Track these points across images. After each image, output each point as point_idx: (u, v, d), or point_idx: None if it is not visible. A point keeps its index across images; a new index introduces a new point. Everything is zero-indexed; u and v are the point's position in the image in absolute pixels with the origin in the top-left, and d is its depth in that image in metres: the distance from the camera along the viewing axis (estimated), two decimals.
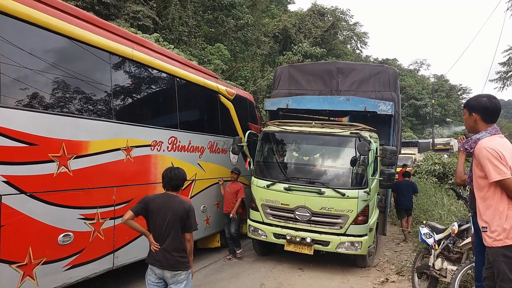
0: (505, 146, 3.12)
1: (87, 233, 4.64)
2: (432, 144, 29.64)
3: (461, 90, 61.39)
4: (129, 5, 16.09)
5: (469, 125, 3.36)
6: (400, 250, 8.65)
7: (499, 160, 2.98)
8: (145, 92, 6.02)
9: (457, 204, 9.32)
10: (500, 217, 3.00)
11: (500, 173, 2.95)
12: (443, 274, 5.08)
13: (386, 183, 6.84)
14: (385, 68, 8.49)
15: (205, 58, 18.72)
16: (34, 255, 4.00)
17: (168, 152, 6.15)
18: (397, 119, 8.73)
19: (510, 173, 2.98)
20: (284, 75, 8.81)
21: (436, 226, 5.72)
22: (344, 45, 36.87)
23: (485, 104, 3.24)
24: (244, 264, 7.18)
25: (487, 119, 3.24)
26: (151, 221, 3.68)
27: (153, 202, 3.69)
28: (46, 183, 4.11)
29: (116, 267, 5.14)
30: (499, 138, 3.19)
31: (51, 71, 4.29)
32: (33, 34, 4.09)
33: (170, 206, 3.66)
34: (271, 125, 7.52)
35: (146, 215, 3.69)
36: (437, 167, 16.96)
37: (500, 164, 2.97)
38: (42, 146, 4.07)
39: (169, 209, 3.65)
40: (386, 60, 54.48)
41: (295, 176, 7.13)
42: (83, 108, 4.73)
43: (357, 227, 6.61)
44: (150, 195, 3.87)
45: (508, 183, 2.96)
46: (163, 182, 3.80)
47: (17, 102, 3.91)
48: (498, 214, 3.02)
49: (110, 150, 4.97)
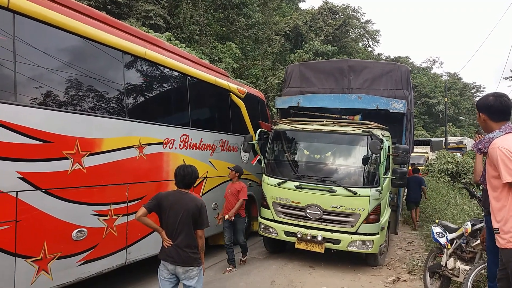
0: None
1: (100, 229, 4.71)
2: (445, 142, 29.27)
3: (475, 88, 60.53)
4: (141, 4, 16.22)
5: (481, 125, 3.34)
6: (412, 249, 8.59)
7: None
8: (157, 90, 6.08)
9: (470, 204, 9.19)
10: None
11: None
12: (456, 273, 5.02)
13: (398, 181, 6.79)
14: (397, 66, 8.42)
15: (216, 56, 18.79)
16: (49, 250, 4.08)
17: (180, 150, 6.20)
18: (410, 117, 8.66)
19: None
20: (295, 73, 8.80)
21: (448, 225, 5.66)
22: (355, 43, 36.62)
23: (489, 103, 3.20)
24: (255, 262, 7.20)
25: (495, 118, 3.19)
26: (164, 217, 3.73)
27: (166, 199, 3.74)
28: (60, 180, 4.18)
29: (129, 262, 5.21)
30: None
31: (65, 70, 4.37)
32: (48, 34, 4.16)
33: (182, 203, 3.71)
34: (282, 123, 7.52)
35: (159, 211, 3.74)
36: (450, 166, 16.72)
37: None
38: (57, 144, 4.13)
39: (181, 206, 3.69)
40: (398, 58, 53.99)
41: (306, 174, 7.13)
42: (97, 106, 4.80)
43: (369, 226, 6.58)
44: (162, 192, 3.92)
45: None
46: (176, 180, 3.85)
47: (32, 100, 3.99)
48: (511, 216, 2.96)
49: (123, 147, 5.04)
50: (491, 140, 3.10)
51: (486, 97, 3.30)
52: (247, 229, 8.54)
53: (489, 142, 3.12)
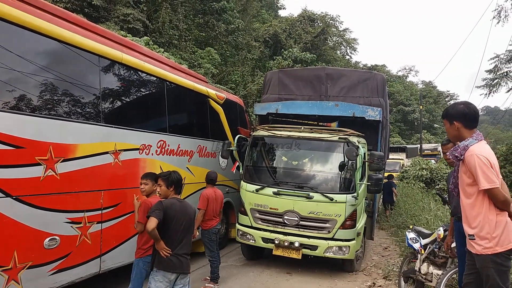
0: (492, 153, 3.15)
1: (73, 237, 4.60)
2: (420, 149, 29.96)
3: (449, 97, 62.29)
4: (119, 8, 16.05)
5: (452, 134, 3.34)
6: (387, 254, 8.73)
7: (489, 168, 3.00)
8: (134, 95, 6.01)
9: (443, 209, 9.44)
10: (489, 225, 3.02)
11: (490, 182, 2.96)
12: (429, 278, 5.14)
13: (373, 188, 6.90)
14: (373, 75, 8.59)
15: (195, 62, 18.72)
16: (19, 259, 3.95)
17: (157, 155, 6.13)
18: (385, 124, 8.83)
19: (499, 182, 3.00)
20: (274, 80, 8.85)
21: (422, 231, 5.78)
22: (333, 51, 37.16)
23: (464, 111, 3.25)
24: (232, 269, 7.17)
25: (469, 125, 3.24)
26: (167, 226, 3.70)
27: (171, 209, 3.73)
28: (32, 187, 4.06)
29: (103, 271, 5.09)
30: (486, 144, 3.21)
31: (39, 74, 4.26)
32: (22, 37, 4.06)
33: (184, 212, 3.80)
34: (261, 129, 7.55)
35: (162, 221, 3.68)
36: (424, 172, 17.13)
37: (490, 173, 2.98)
38: (29, 149, 4.03)
39: (184, 214, 3.78)
40: (375, 66, 55.05)
41: (284, 180, 7.17)
42: (71, 111, 4.70)
43: (345, 232, 6.65)
44: (165, 201, 3.86)
45: (496, 192, 2.98)
46: (177, 186, 3.95)
47: (4, 104, 3.87)
48: (487, 222, 3.03)
49: (98, 153, 4.94)
50: (467, 148, 3.13)
51: (457, 106, 3.35)
52: (225, 236, 8.50)
53: (464, 149, 3.15)
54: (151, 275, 3.76)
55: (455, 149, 3.25)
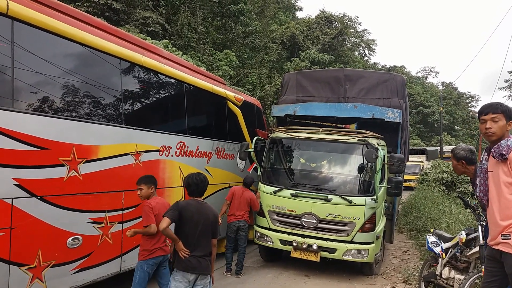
0: None
1: (95, 236, 4.69)
2: (440, 151, 29.44)
3: (470, 98, 61.00)
4: (138, 11, 16.27)
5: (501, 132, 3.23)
6: (407, 258, 8.59)
7: None
8: (154, 97, 6.09)
9: (465, 213, 9.22)
10: None
11: None
12: (450, 283, 5.05)
13: (393, 190, 6.80)
14: (392, 76, 8.50)
15: (213, 64, 18.84)
16: (43, 258, 4.06)
17: (176, 157, 6.20)
18: (405, 126, 8.71)
19: None
20: (291, 81, 8.84)
21: (443, 234, 5.68)
22: (351, 52, 36.84)
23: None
24: (250, 270, 7.18)
25: None
26: (184, 227, 3.73)
27: (186, 210, 3.75)
28: (56, 187, 4.17)
29: (123, 271, 5.18)
30: None
31: (63, 77, 4.37)
32: (46, 41, 4.17)
33: (202, 213, 3.77)
34: (279, 131, 7.55)
35: (178, 221, 3.72)
36: (445, 175, 16.75)
37: None
38: (53, 150, 4.13)
39: (201, 216, 3.76)
40: (394, 67, 54.36)
41: (302, 182, 7.14)
42: (94, 113, 4.81)
43: (364, 235, 6.58)
44: (181, 202, 3.92)
45: None
46: (190, 189, 3.89)
47: (29, 106, 3.99)
48: None
49: (120, 154, 5.03)
50: (510, 147, 3.09)
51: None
52: None
53: (509, 148, 3.10)
54: (171, 275, 3.80)
55: (497, 147, 3.16)
